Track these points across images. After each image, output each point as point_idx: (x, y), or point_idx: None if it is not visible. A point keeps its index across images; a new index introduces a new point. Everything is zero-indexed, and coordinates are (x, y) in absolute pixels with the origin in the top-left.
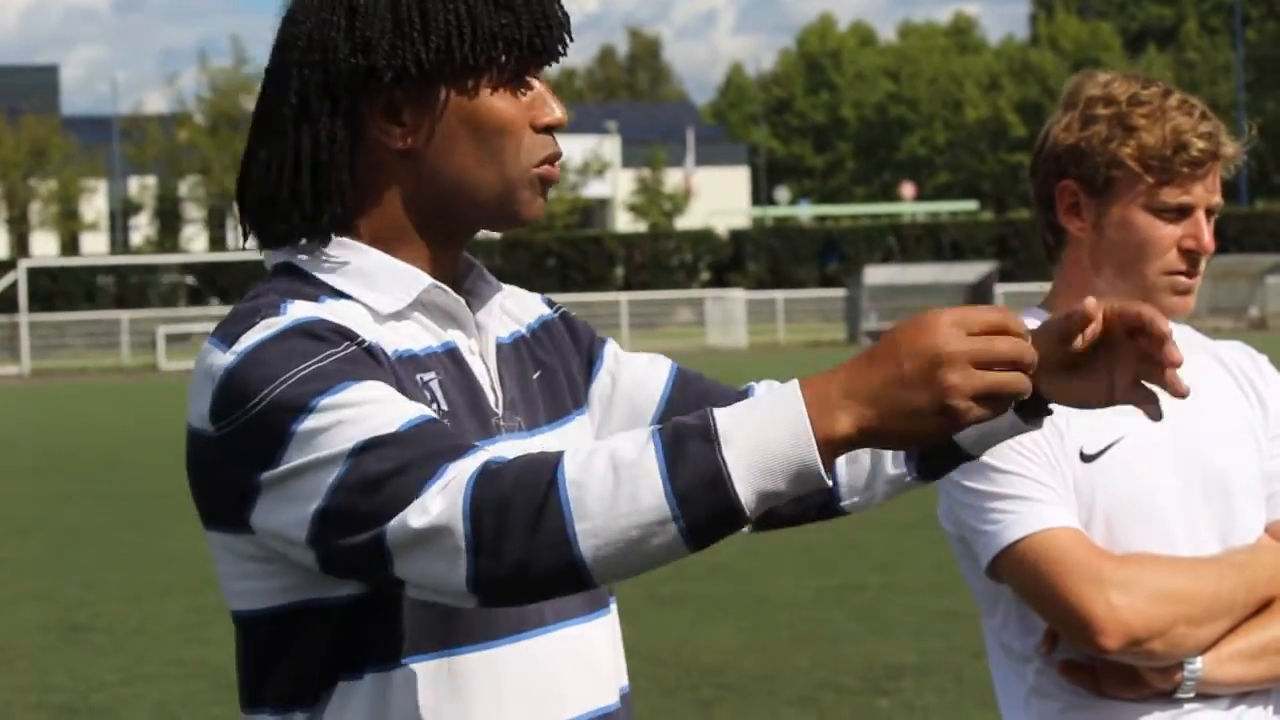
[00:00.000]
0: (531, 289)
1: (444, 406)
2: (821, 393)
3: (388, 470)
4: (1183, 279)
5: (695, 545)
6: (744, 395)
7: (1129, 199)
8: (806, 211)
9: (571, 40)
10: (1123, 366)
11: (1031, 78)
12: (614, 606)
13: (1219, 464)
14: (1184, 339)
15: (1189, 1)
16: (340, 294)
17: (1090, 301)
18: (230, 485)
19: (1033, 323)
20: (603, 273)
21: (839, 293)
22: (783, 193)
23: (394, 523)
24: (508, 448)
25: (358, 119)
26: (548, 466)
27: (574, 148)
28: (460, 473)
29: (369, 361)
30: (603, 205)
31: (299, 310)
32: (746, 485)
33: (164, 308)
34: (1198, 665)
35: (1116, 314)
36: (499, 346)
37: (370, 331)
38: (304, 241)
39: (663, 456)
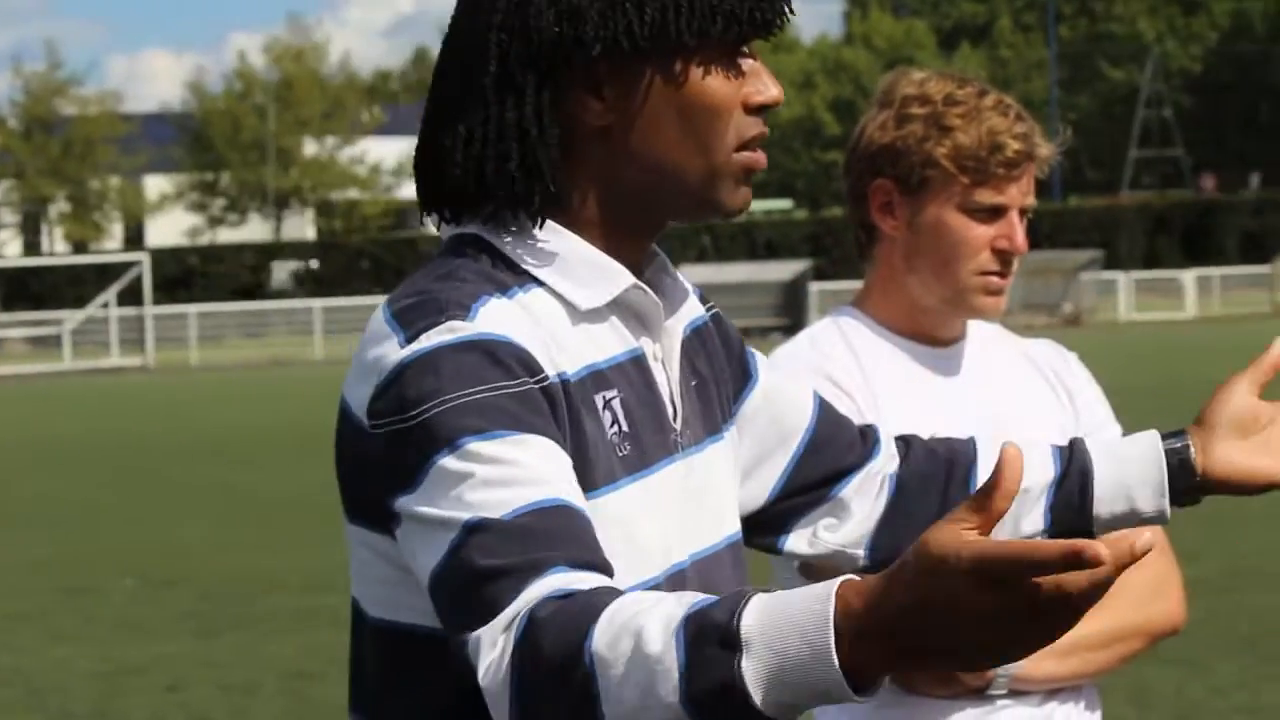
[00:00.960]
0: (347, 292)
1: (625, 428)
2: (850, 612)
3: (487, 569)
4: (995, 279)
5: None
6: (866, 435)
7: (943, 199)
8: None
9: (793, 13)
10: None
11: (845, 76)
12: None
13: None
14: (994, 337)
15: None
16: (536, 281)
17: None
18: (377, 488)
19: (848, 322)
20: None
21: None
22: None
23: (474, 638)
24: (675, 475)
25: (560, 92)
26: (581, 631)
27: (388, 150)
28: (527, 604)
29: (539, 404)
30: (417, 207)
31: (489, 318)
32: (765, 696)
33: None
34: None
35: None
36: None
37: (560, 331)
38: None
39: (683, 657)
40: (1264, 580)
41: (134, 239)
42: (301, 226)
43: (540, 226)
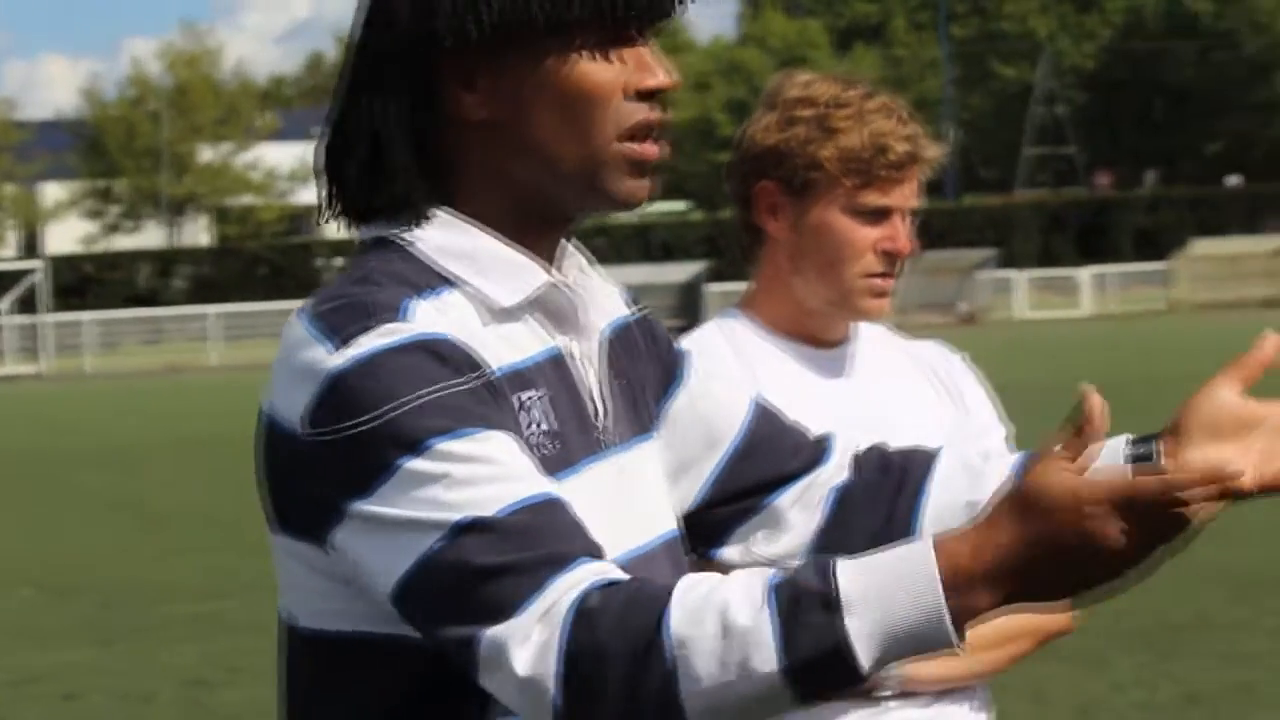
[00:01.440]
0: (243, 298)
1: (551, 427)
2: (961, 573)
3: (490, 567)
4: (879, 281)
5: (808, 703)
6: (817, 443)
7: (828, 201)
8: None
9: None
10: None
11: (740, 77)
12: None
13: None
14: (880, 338)
15: None
16: (449, 282)
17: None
18: (315, 498)
19: (734, 324)
20: (312, 279)
21: None
22: None
23: (490, 636)
24: (608, 471)
25: (432, 89)
26: (652, 614)
27: (283, 155)
28: (562, 596)
29: (491, 401)
30: (312, 212)
31: (421, 319)
32: (869, 653)
33: None
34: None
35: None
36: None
37: (477, 331)
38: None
39: (779, 625)
40: (1161, 577)
41: (30, 246)
42: (197, 233)
43: (437, 221)
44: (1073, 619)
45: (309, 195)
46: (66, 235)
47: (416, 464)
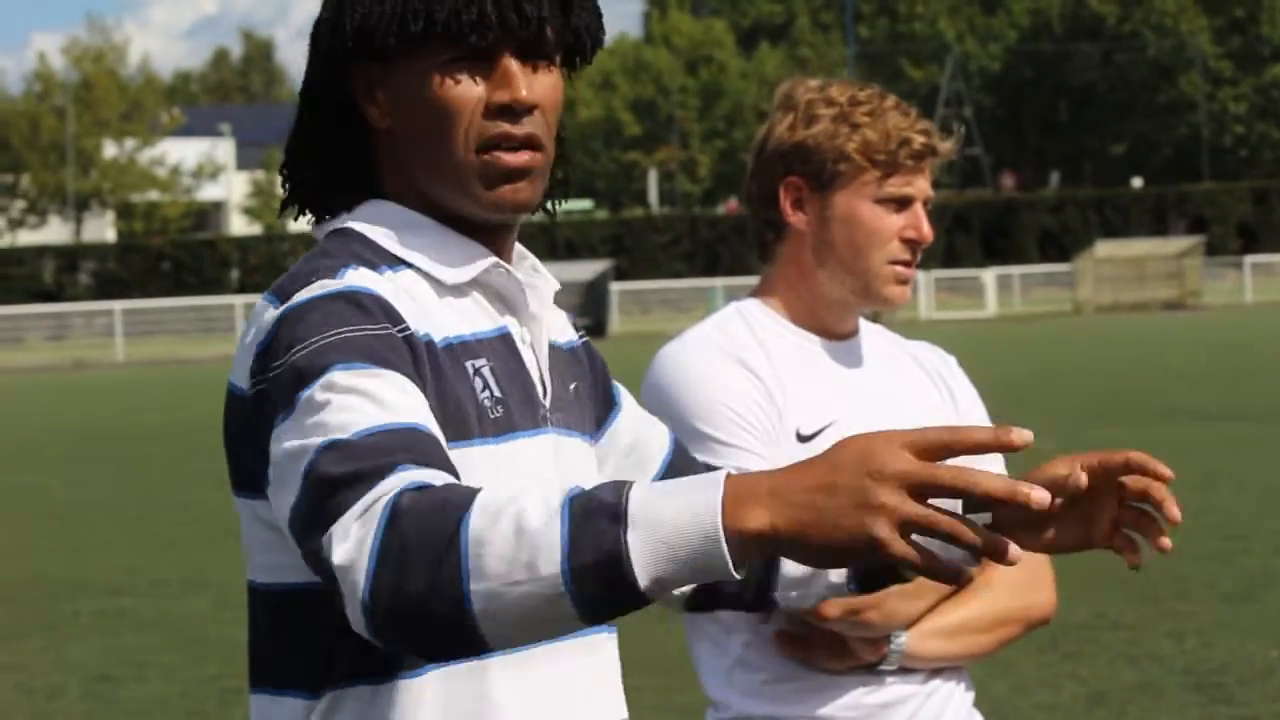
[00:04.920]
0: (146, 294)
1: (497, 393)
2: (746, 487)
3: (335, 477)
4: (904, 269)
5: (589, 620)
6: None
7: (854, 191)
8: None
9: (533, 14)
10: (1103, 512)
11: (646, 75)
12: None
13: None
14: (881, 337)
15: None
16: (403, 262)
17: (1064, 465)
18: (257, 448)
19: (752, 311)
20: (218, 276)
21: None
22: None
23: (325, 539)
24: (546, 445)
25: (347, 99)
26: (455, 512)
27: (188, 151)
28: (382, 496)
29: (400, 347)
30: (217, 208)
31: (358, 278)
32: (646, 570)
33: None
34: (903, 640)
35: (1099, 465)
36: (550, 346)
37: (429, 306)
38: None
39: (567, 531)
40: (1063, 578)
41: None
42: (102, 229)
43: (389, 210)
44: (1055, 609)
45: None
46: None
47: (311, 393)
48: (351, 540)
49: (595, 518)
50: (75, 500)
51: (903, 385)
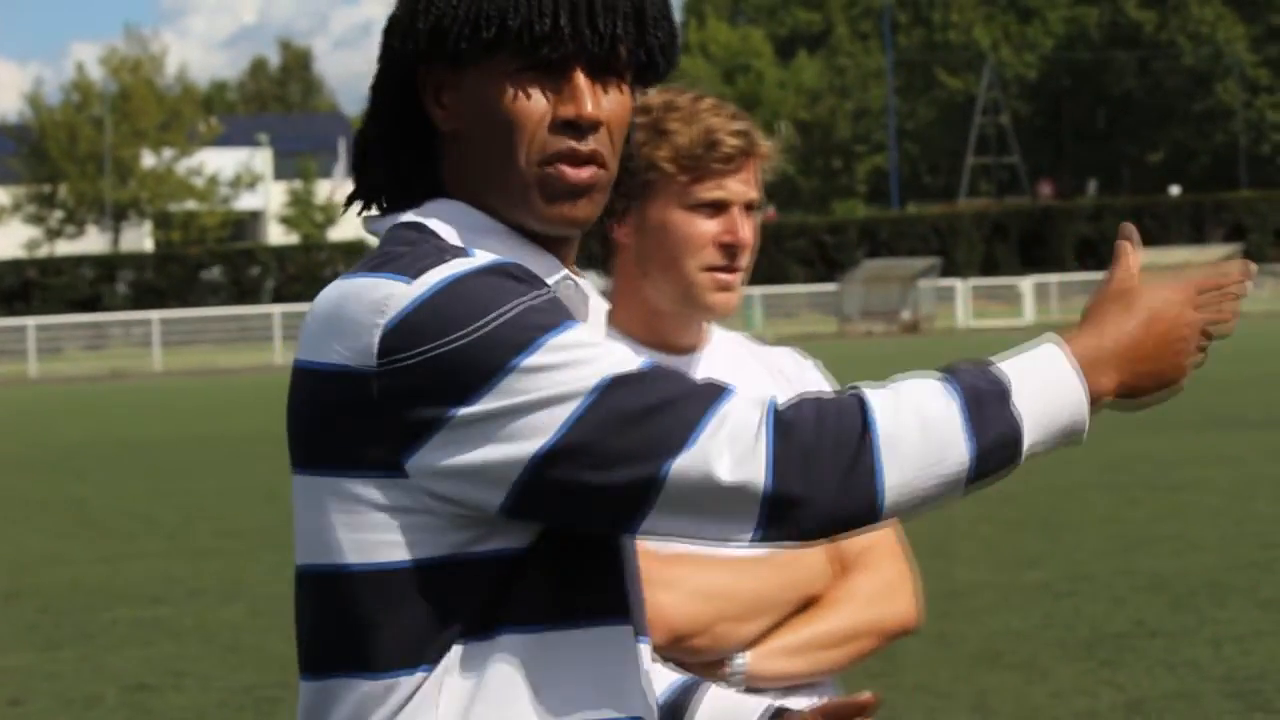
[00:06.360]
0: (184, 303)
1: None
2: (1089, 351)
3: (649, 405)
4: (723, 275)
5: (967, 493)
6: None
7: (665, 199)
8: None
9: (607, 30)
10: None
11: (683, 84)
12: None
13: None
14: (734, 346)
15: (837, 7)
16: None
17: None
18: (390, 425)
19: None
20: (255, 285)
21: None
22: None
23: (677, 465)
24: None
25: (414, 99)
26: (856, 415)
27: (225, 160)
28: (738, 419)
29: (568, 309)
30: (255, 218)
31: (488, 255)
32: (1029, 444)
33: None
34: (743, 660)
35: (821, 713)
36: None
37: None
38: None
39: (966, 417)
40: (1102, 586)
41: None
42: (139, 238)
43: (459, 210)
44: (917, 618)
45: (251, 201)
46: (9, 240)
47: (532, 359)
48: (733, 457)
49: (989, 404)
50: (113, 509)
51: None
